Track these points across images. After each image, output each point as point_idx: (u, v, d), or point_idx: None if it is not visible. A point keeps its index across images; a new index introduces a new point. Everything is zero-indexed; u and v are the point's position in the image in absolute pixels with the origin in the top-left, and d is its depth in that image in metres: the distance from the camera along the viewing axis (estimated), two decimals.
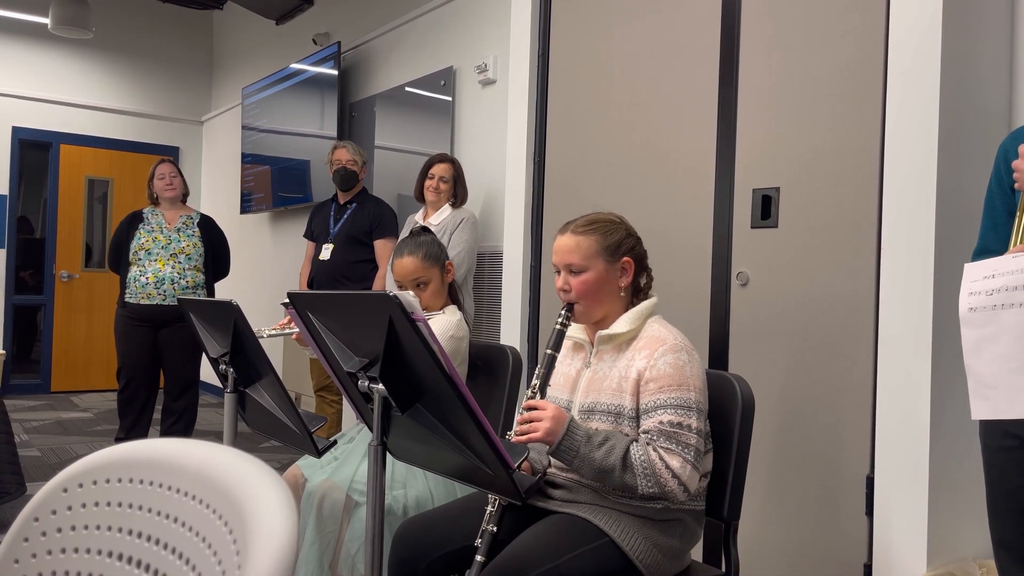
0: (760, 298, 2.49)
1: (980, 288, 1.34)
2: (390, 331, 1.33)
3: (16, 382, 7.16)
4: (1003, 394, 1.31)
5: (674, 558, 1.72)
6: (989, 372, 1.33)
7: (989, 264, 1.34)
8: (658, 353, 1.69)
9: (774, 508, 2.42)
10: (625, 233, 1.82)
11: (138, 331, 4.43)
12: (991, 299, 1.32)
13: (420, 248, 2.33)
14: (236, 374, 2.06)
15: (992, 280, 1.32)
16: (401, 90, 4.87)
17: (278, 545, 0.56)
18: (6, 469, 3.25)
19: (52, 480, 0.77)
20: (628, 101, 2.95)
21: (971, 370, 1.35)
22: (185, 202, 4.73)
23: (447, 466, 1.55)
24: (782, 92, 2.45)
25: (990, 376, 1.33)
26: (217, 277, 4.72)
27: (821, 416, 2.32)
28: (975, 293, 1.34)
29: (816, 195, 2.35)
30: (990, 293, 1.32)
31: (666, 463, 1.61)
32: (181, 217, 4.58)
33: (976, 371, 1.34)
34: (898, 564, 2.08)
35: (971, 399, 1.35)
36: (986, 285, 1.33)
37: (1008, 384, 1.30)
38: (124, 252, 4.49)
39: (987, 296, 1.33)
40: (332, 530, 2.15)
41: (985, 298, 1.33)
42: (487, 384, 2.36)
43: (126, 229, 4.54)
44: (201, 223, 4.64)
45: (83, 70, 7.44)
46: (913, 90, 2.09)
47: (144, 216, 4.56)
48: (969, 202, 2.08)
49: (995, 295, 1.31)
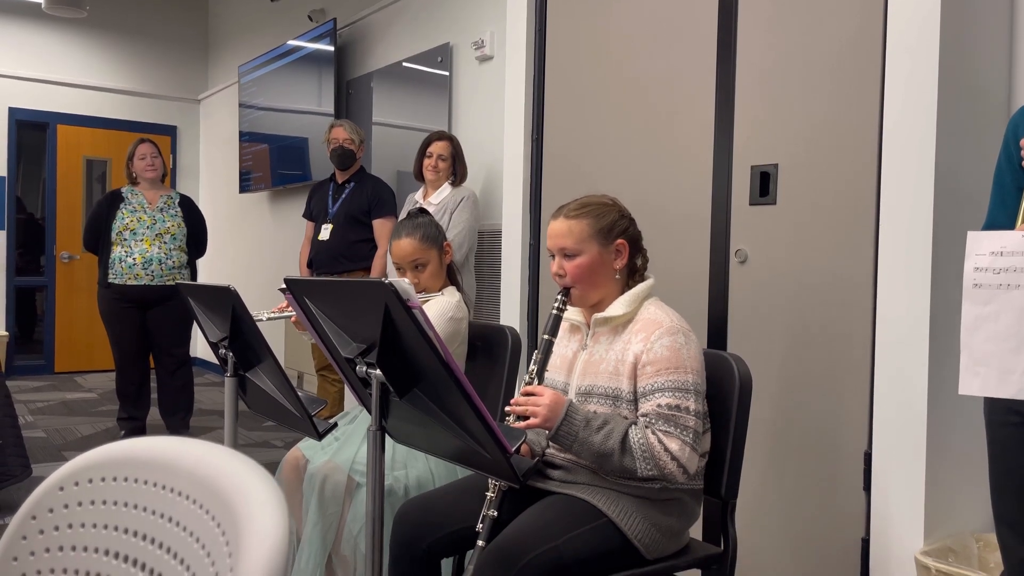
0: (759, 275, 2.49)
1: (987, 264, 1.33)
2: (386, 318, 1.33)
3: (20, 363, 7.19)
4: (994, 372, 1.32)
5: (672, 537, 1.73)
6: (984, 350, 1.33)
7: (996, 238, 1.33)
8: (655, 336, 1.69)
9: (773, 485, 2.44)
10: (618, 215, 1.81)
11: (126, 313, 4.44)
12: (997, 277, 1.32)
13: (418, 230, 2.33)
14: (236, 358, 2.07)
15: (1000, 258, 1.32)
16: (399, 66, 4.83)
17: (270, 546, 0.57)
18: (11, 452, 3.28)
19: (49, 478, 0.78)
20: (626, 77, 2.93)
21: (966, 345, 1.35)
22: (164, 182, 4.72)
23: (446, 449, 1.56)
24: (780, 69, 2.43)
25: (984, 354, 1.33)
26: (197, 256, 4.74)
27: (820, 393, 2.32)
28: (981, 269, 1.34)
29: (815, 172, 2.34)
30: (997, 271, 1.32)
31: (665, 446, 1.62)
32: (162, 197, 4.58)
33: (971, 347, 1.35)
34: (896, 539, 2.10)
35: (961, 373, 1.36)
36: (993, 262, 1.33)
37: (1001, 363, 1.31)
38: (104, 232, 4.47)
39: (994, 274, 1.32)
40: (334, 511, 2.17)
41: (992, 276, 1.33)
42: (487, 365, 2.36)
43: (106, 209, 4.51)
44: (182, 203, 4.64)
45: (78, 50, 7.39)
46: (912, 67, 2.07)
47: (124, 196, 4.54)
48: (968, 180, 2.07)
49: (1002, 274, 1.31)
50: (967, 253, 1.36)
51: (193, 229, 4.63)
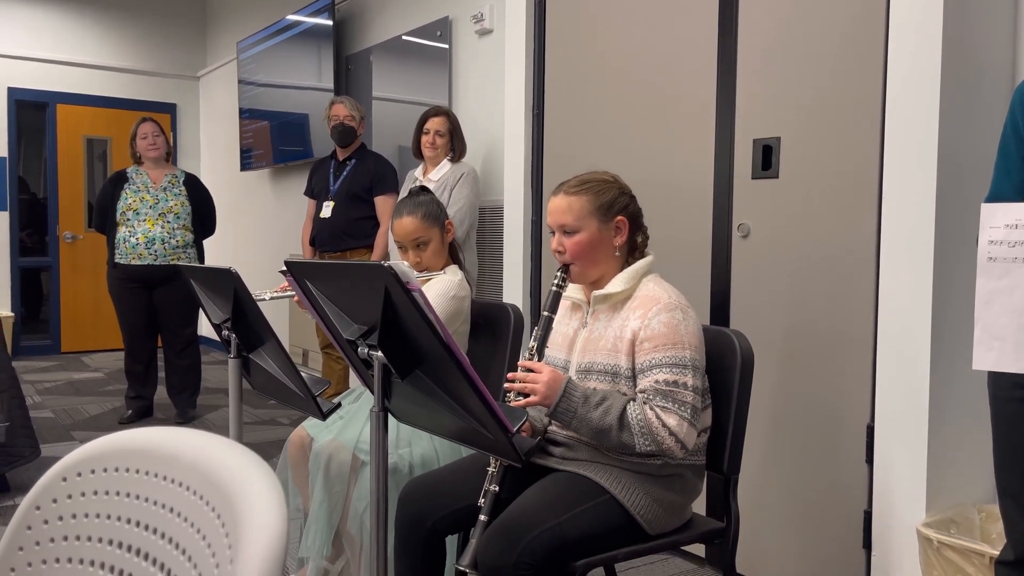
0: (761, 249, 2.48)
1: (1001, 237, 1.32)
2: (387, 300, 1.33)
3: (26, 344, 7.22)
4: (1010, 347, 1.31)
5: (675, 512, 1.74)
6: (999, 324, 1.32)
7: (1011, 211, 1.31)
8: (652, 312, 1.69)
9: (776, 459, 2.45)
10: (618, 192, 1.81)
11: (132, 293, 4.48)
12: (1012, 251, 1.30)
13: (419, 208, 2.32)
14: (239, 339, 2.08)
15: (1015, 231, 1.30)
16: (398, 40, 4.79)
17: (268, 537, 0.57)
18: (20, 433, 3.30)
19: (52, 468, 0.79)
20: (627, 51, 2.90)
21: (980, 319, 1.34)
22: (168, 161, 4.71)
23: (449, 429, 1.57)
24: (783, 42, 2.40)
25: (999, 328, 1.32)
26: (204, 235, 4.73)
27: (822, 367, 2.33)
28: (996, 242, 1.32)
29: (817, 145, 2.33)
30: (1012, 245, 1.31)
31: (663, 421, 1.63)
32: (166, 176, 4.57)
33: (985, 321, 1.33)
34: (898, 510, 2.11)
35: (975, 348, 1.34)
36: (1008, 235, 1.31)
37: (1017, 337, 1.30)
38: (110, 213, 4.49)
39: (1009, 247, 1.31)
40: (340, 490, 2.19)
41: (1007, 249, 1.31)
42: (489, 343, 2.37)
43: (111, 189, 4.54)
44: (186, 181, 4.63)
45: (77, 28, 7.33)
46: (915, 39, 2.05)
47: (128, 176, 4.55)
48: (971, 151, 2.05)
49: (1017, 247, 1.30)
50: (981, 226, 1.34)
51: (198, 207, 4.62)
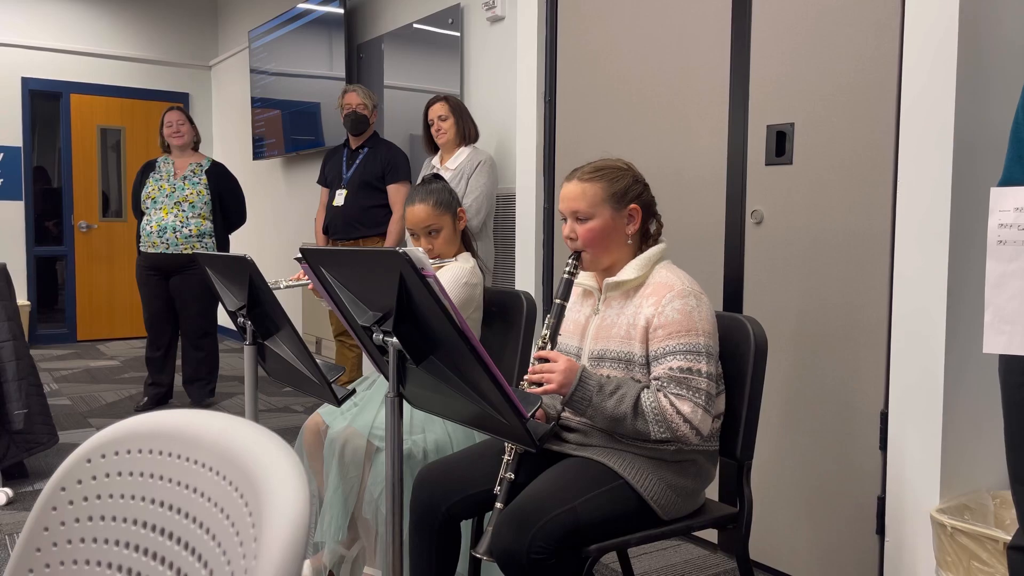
0: (775, 236, 2.48)
1: (1011, 220, 1.31)
2: (401, 286, 1.34)
3: (43, 332, 7.29)
4: (1020, 330, 1.30)
5: (688, 498, 1.75)
6: (1010, 308, 1.31)
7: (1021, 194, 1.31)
8: (666, 299, 1.69)
9: (789, 445, 2.45)
10: (632, 180, 1.80)
11: (152, 280, 4.56)
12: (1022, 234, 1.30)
13: (431, 195, 2.33)
14: (254, 327, 2.09)
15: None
16: (409, 28, 4.79)
17: (291, 516, 0.58)
18: (37, 420, 3.34)
19: (76, 451, 0.80)
20: (640, 36, 2.89)
21: (991, 303, 1.33)
22: (196, 149, 4.73)
23: (463, 415, 1.58)
24: (796, 25, 2.39)
25: (1010, 311, 1.31)
26: (231, 224, 4.75)
27: (836, 353, 2.33)
28: (1006, 225, 1.32)
29: (831, 131, 2.32)
30: (1022, 228, 1.30)
31: (677, 408, 1.63)
32: (190, 165, 4.61)
33: (996, 304, 1.33)
34: (911, 496, 2.11)
35: (985, 332, 1.34)
36: (1018, 218, 1.31)
37: None
38: (136, 202, 4.61)
39: (1019, 230, 1.31)
40: (355, 475, 2.21)
41: (1017, 232, 1.31)
42: (502, 330, 2.38)
43: (139, 178, 4.65)
44: (210, 170, 4.65)
45: (89, 18, 7.36)
46: (932, 22, 2.03)
47: (156, 165, 4.63)
48: (988, 137, 2.04)
49: None
50: (991, 209, 1.34)
51: (222, 197, 4.64)
